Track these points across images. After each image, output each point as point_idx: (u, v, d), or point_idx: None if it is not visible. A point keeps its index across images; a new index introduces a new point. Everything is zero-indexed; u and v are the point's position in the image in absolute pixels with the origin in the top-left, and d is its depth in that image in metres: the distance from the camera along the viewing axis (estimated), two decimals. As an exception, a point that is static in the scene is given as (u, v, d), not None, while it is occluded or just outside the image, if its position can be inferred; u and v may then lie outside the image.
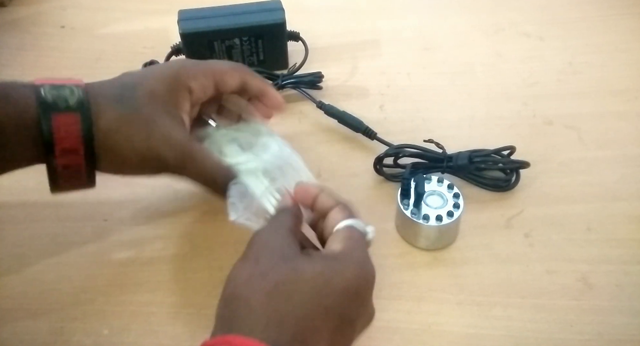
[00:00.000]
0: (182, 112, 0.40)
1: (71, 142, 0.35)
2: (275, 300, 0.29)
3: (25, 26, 0.66)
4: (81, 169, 0.37)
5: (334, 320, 0.30)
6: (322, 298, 0.30)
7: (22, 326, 0.40)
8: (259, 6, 0.57)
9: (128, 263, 0.44)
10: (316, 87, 0.56)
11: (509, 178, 0.47)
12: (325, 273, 0.31)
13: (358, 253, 0.33)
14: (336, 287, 0.31)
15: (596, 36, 0.62)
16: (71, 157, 0.36)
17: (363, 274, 0.32)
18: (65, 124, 0.35)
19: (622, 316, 0.39)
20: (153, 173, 0.40)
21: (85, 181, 0.38)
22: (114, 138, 0.37)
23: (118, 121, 0.37)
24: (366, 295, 0.33)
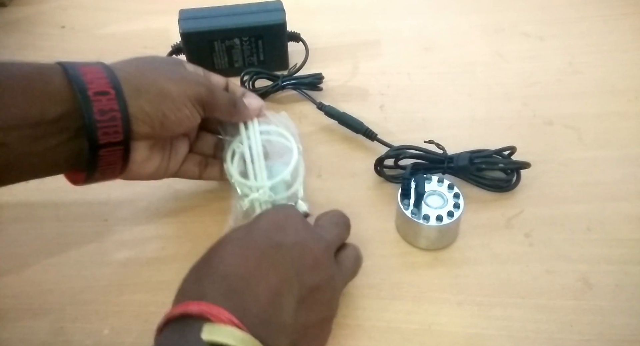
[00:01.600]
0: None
1: (101, 86, 0.35)
2: (196, 267, 0.33)
3: (25, 26, 0.66)
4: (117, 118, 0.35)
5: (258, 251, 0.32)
6: (235, 241, 0.34)
7: (23, 326, 0.40)
8: (260, 6, 0.57)
9: (128, 263, 0.44)
10: (317, 88, 0.56)
11: (509, 178, 0.47)
12: (240, 227, 0.35)
13: (273, 208, 0.38)
14: (249, 228, 0.34)
15: (596, 36, 0.62)
16: (104, 100, 0.35)
17: (275, 211, 0.36)
18: (90, 71, 0.35)
19: (622, 316, 0.39)
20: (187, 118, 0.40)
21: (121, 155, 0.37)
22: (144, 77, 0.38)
23: (142, 63, 0.39)
24: (287, 222, 0.35)
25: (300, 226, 0.35)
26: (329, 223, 0.39)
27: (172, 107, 0.38)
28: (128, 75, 0.37)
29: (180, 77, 0.39)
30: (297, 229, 0.35)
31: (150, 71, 0.38)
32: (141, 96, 0.37)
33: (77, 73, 0.35)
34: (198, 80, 0.41)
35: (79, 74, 0.35)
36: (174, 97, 0.38)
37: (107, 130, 0.35)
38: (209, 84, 0.41)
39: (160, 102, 0.37)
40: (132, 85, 0.36)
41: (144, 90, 0.37)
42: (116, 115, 0.35)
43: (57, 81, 0.34)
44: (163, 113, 0.38)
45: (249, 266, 0.32)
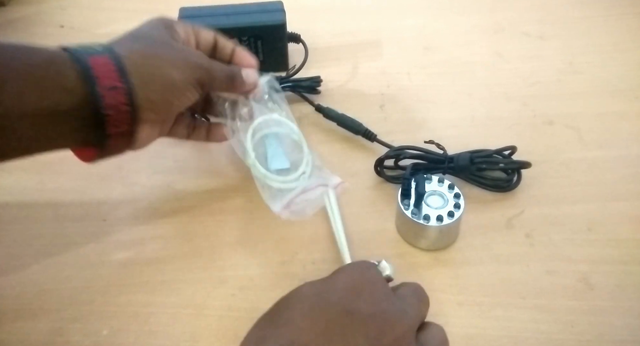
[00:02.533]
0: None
1: (111, 81, 0.36)
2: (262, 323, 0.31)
3: (24, 26, 0.66)
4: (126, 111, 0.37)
5: (330, 315, 0.30)
6: (306, 300, 0.31)
7: (22, 327, 0.40)
8: (260, 7, 0.57)
9: (127, 263, 0.44)
10: (315, 91, 0.56)
11: (510, 178, 0.47)
12: (312, 284, 0.33)
13: (352, 265, 0.35)
14: (321, 288, 0.32)
15: (596, 36, 0.62)
16: (114, 95, 0.36)
17: (353, 271, 0.33)
18: (100, 63, 0.36)
19: (622, 317, 0.39)
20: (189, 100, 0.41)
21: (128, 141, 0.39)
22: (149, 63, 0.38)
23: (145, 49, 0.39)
24: (369, 290, 0.31)
25: (381, 293, 0.31)
26: (411, 296, 0.33)
27: (177, 94, 0.40)
28: (135, 65, 0.38)
29: (183, 62, 0.40)
30: (378, 298, 0.31)
31: (154, 58, 0.39)
32: (148, 86, 0.38)
33: (86, 66, 0.36)
34: (197, 61, 0.41)
35: (89, 67, 0.36)
36: (178, 85, 0.39)
37: (115, 123, 0.37)
38: (208, 64, 0.42)
39: (166, 91, 0.39)
40: (139, 76, 0.37)
41: (150, 80, 0.38)
42: (125, 108, 0.37)
43: (69, 75, 0.35)
44: (168, 101, 0.39)
45: (316, 332, 0.29)
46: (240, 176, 0.49)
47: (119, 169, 0.50)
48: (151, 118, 0.39)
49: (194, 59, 0.41)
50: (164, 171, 0.50)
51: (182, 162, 0.51)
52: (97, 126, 0.36)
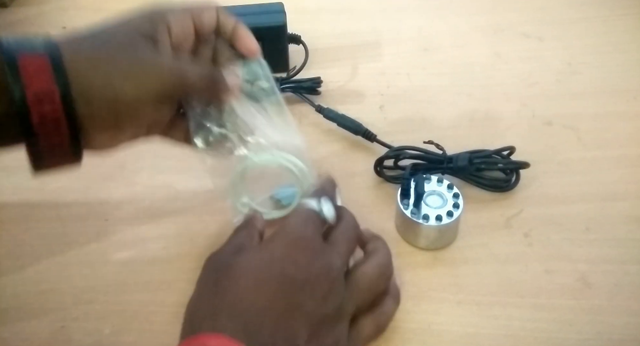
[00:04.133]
0: (162, 46, 0.36)
1: (42, 84, 0.31)
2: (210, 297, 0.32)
3: (26, 27, 0.66)
4: (61, 125, 0.32)
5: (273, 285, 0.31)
6: (250, 273, 0.32)
7: (23, 326, 0.40)
8: (261, 8, 0.57)
9: (129, 262, 0.44)
10: (315, 92, 0.56)
11: (509, 178, 0.47)
12: (252, 254, 0.33)
13: (287, 224, 0.34)
14: (262, 258, 0.33)
15: (595, 37, 0.62)
16: (47, 105, 0.31)
17: (287, 239, 0.34)
18: (33, 64, 0.31)
19: (621, 316, 0.39)
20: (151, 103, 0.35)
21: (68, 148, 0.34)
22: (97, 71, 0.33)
23: (96, 51, 0.33)
24: (300, 254, 0.33)
25: (312, 254, 0.33)
26: (342, 238, 0.36)
27: (128, 109, 0.34)
28: (78, 70, 0.32)
29: (140, 71, 0.34)
30: (309, 261, 0.32)
31: (105, 63, 0.33)
32: (91, 101, 0.33)
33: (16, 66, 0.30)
34: (162, 73, 0.35)
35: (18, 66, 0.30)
36: (130, 101, 0.34)
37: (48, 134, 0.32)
38: (179, 74, 0.36)
39: (113, 107, 0.34)
40: (82, 86, 0.32)
41: (95, 94, 0.33)
42: (61, 122, 0.32)
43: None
44: (116, 117, 0.34)
45: (264, 303, 0.31)
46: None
47: (120, 169, 0.51)
48: (99, 130, 0.34)
49: (158, 68, 0.35)
50: (166, 171, 0.51)
51: (183, 163, 0.51)
52: (28, 141, 0.32)
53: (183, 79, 0.36)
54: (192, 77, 0.36)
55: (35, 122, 0.31)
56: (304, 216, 0.35)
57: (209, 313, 0.31)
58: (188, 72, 0.36)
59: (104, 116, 0.34)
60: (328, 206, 0.36)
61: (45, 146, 0.33)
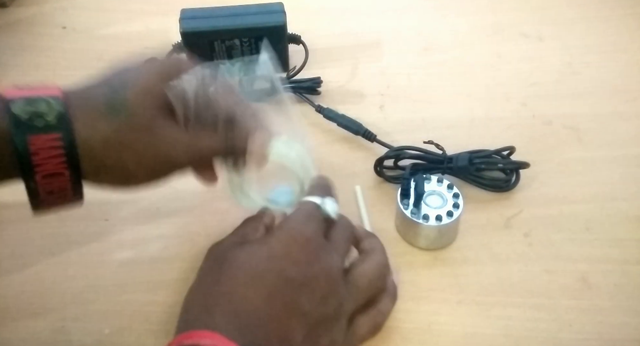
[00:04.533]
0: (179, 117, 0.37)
1: (54, 167, 0.31)
2: (207, 291, 0.32)
3: (26, 27, 0.66)
4: (67, 192, 0.33)
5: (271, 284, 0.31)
6: (248, 270, 0.32)
7: (23, 326, 0.40)
8: (261, 8, 0.57)
9: (129, 262, 0.44)
10: (315, 92, 0.56)
11: (508, 178, 0.47)
12: (251, 250, 0.33)
13: (289, 221, 0.34)
14: (261, 255, 0.32)
15: (595, 36, 0.62)
16: (55, 182, 0.32)
17: (289, 236, 0.33)
18: (44, 146, 0.31)
19: (621, 316, 0.39)
20: (161, 179, 0.36)
21: (71, 198, 0.35)
22: (110, 153, 0.33)
23: (112, 133, 0.33)
24: (301, 253, 0.32)
25: (313, 253, 0.33)
26: (341, 239, 0.36)
27: (137, 185, 0.35)
28: (91, 151, 0.32)
29: (153, 155, 0.34)
30: (309, 260, 0.32)
31: (119, 146, 0.33)
32: (100, 175, 0.33)
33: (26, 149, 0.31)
34: (176, 156, 0.35)
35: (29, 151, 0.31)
36: (140, 180, 0.35)
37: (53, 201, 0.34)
38: (192, 154, 0.35)
39: (123, 183, 0.35)
40: (94, 165, 0.33)
41: (105, 171, 0.33)
42: (67, 192, 0.33)
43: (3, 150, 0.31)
44: (124, 190, 0.35)
45: (260, 301, 0.31)
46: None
47: (120, 170, 0.51)
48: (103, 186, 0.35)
49: (172, 152, 0.35)
50: (165, 171, 0.51)
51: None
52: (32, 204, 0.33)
53: (199, 155, 0.36)
54: (207, 152, 0.37)
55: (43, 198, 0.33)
56: (307, 213, 0.35)
57: (204, 308, 0.31)
58: (204, 149, 0.36)
59: (113, 188, 0.35)
60: (331, 203, 0.36)
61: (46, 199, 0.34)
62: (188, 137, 0.36)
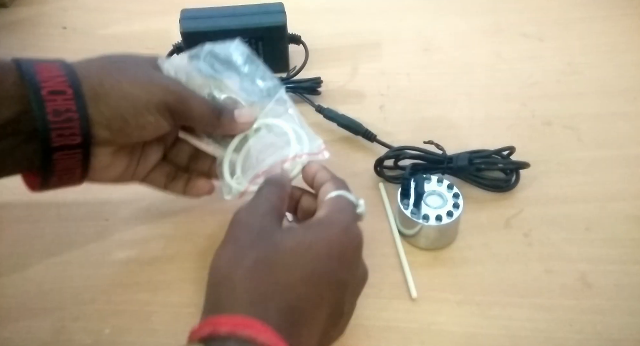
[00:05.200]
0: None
1: (56, 84, 0.32)
2: (258, 275, 0.29)
3: (26, 27, 0.67)
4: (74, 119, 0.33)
5: (320, 284, 0.30)
6: (306, 265, 0.30)
7: (24, 326, 0.40)
8: (261, 8, 0.57)
9: (129, 262, 0.44)
10: (315, 92, 0.56)
11: (508, 178, 0.47)
12: (306, 241, 0.31)
13: (341, 217, 0.33)
14: (319, 251, 0.31)
15: (595, 37, 0.62)
16: (59, 100, 0.32)
17: (346, 236, 0.32)
18: (47, 68, 0.33)
19: (621, 316, 0.39)
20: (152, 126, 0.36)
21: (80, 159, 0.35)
22: (106, 76, 0.34)
23: (108, 65, 0.35)
24: (353, 256, 0.33)
25: (357, 261, 0.33)
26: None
27: (133, 112, 0.35)
28: (89, 74, 0.34)
29: (148, 81, 0.36)
30: (355, 266, 0.33)
31: (116, 72, 0.35)
32: (100, 98, 0.34)
33: (31, 71, 0.32)
34: (168, 85, 0.37)
35: (34, 72, 0.32)
36: (135, 102, 0.35)
37: (62, 132, 0.33)
38: (182, 90, 0.37)
39: (120, 106, 0.35)
40: (92, 85, 0.34)
41: (103, 92, 0.34)
42: (73, 116, 0.33)
43: (10, 80, 0.32)
44: (122, 118, 0.35)
45: (312, 300, 0.30)
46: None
47: (120, 170, 0.51)
48: (105, 136, 0.35)
49: (164, 81, 0.37)
50: (165, 171, 0.51)
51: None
52: (42, 140, 0.32)
53: (184, 100, 0.37)
54: (195, 100, 0.38)
55: (51, 114, 0.32)
56: (353, 213, 0.35)
57: (258, 295, 0.29)
58: (191, 94, 0.38)
59: (112, 119, 0.34)
60: (362, 202, 0.36)
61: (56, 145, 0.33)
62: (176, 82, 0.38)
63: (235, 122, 0.39)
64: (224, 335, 0.27)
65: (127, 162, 0.39)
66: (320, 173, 0.38)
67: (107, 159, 0.37)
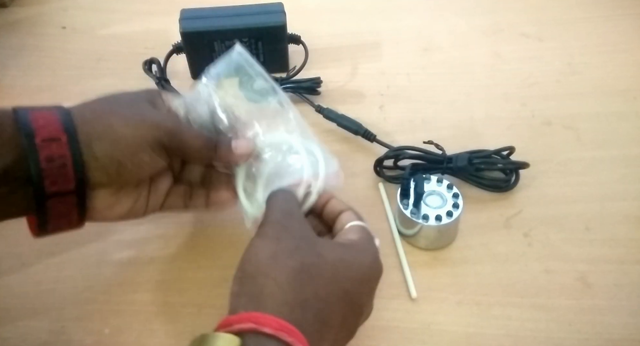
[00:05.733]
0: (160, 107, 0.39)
1: (50, 132, 0.33)
2: (301, 281, 0.30)
3: (26, 27, 0.67)
4: (67, 165, 0.33)
5: (348, 304, 0.32)
6: (342, 282, 0.32)
7: (24, 326, 0.40)
8: (261, 8, 0.57)
9: (129, 262, 0.44)
10: (315, 92, 0.56)
11: (508, 178, 0.47)
12: (346, 259, 0.33)
13: (372, 247, 0.35)
14: (355, 273, 0.33)
15: (595, 37, 0.62)
16: (54, 146, 0.33)
17: (376, 266, 0.34)
18: (42, 116, 0.33)
19: (620, 316, 0.39)
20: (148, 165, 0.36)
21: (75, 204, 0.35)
22: (99, 119, 0.35)
23: (101, 105, 0.36)
24: (374, 285, 0.35)
25: (374, 292, 0.35)
26: None
27: (127, 153, 0.35)
28: (83, 119, 0.34)
29: (140, 120, 0.36)
30: (372, 297, 0.35)
31: (109, 114, 0.35)
32: (93, 142, 0.34)
33: (27, 119, 0.33)
34: (160, 122, 0.36)
35: (29, 120, 0.33)
36: (129, 144, 0.35)
37: (55, 179, 0.33)
38: (174, 127, 0.37)
39: (114, 149, 0.34)
40: (86, 131, 0.34)
41: (97, 136, 0.34)
42: (67, 162, 0.33)
43: (7, 129, 0.32)
44: (118, 161, 0.35)
45: (339, 319, 0.31)
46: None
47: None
48: (102, 181, 0.35)
49: (156, 119, 0.36)
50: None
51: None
52: (35, 187, 0.32)
53: (176, 135, 0.37)
54: (188, 135, 0.37)
55: (44, 161, 0.32)
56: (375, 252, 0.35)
57: (298, 299, 0.30)
58: (184, 128, 0.38)
59: (106, 162, 0.34)
60: (377, 241, 0.37)
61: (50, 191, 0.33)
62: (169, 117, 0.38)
63: (232, 154, 0.39)
64: (267, 335, 0.28)
65: (135, 198, 0.38)
66: (334, 201, 0.38)
67: (107, 200, 0.36)
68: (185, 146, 0.37)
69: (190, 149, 0.37)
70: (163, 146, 0.36)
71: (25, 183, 0.32)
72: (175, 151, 0.37)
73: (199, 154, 0.38)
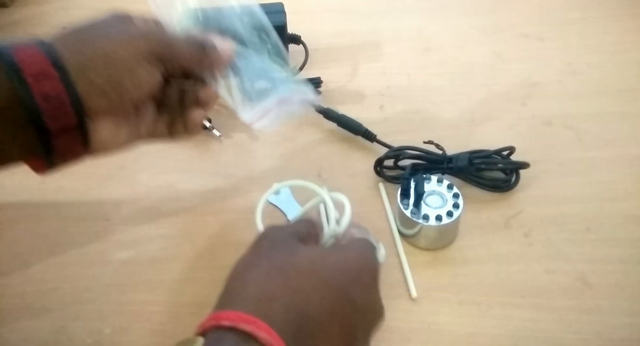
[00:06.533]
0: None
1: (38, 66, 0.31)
2: (270, 276, 0.30)
3: (26, 27, 0.67)
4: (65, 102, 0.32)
5: (336, 299, 0.30)
6: (320, 273, 0.31)
7: (24, 326, 0.40)
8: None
9: (129, 262, 0.44)
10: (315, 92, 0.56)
11: (508, 178, 0.47)
12: (326, 254, 0.32)
13: (361, 244, 0.35)
14: (335, 265, 0.31)
15: (595, 37, 0.62)
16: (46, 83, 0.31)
17: (362, 258, 0.33)
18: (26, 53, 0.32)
19: (620, 316, 0.39)
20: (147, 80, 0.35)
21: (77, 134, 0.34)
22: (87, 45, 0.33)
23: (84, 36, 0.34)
24: (368, 279, 0.33)
25: (374, 285, 0.33)
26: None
27: (125, 72, 0.34)
28: (72, 50, 0.33)
29: (128, 37, 0.35)
30: (371, 290, 0.33)
31: (95, 39, 0.34)
32: (88, 68, 0.33)
33: (8, 56, 0.31)
34: (147, 33, 0.36)
35: (11, 55, 0.31)
36: (124, 60, 0.34)
37: (54, 115, 0.32)
38: (161, 34, 0.36)
39: (110, 69, 0.33)
40: (75, 58, 0.32)
41: (91, 64, 0.33)
42: (63, 98, 0.32)
43: None
44: (117, 81, 0.34)
45: (323, 310, 0.30)
46: (241, 176, 0.50)
47: (121, 169, 0.51)
48: (102, 107, 0.34)
49: (143, 32, 0.36)
50: (166, 171, 0.51)
51: (184, 163, 0.52)
52: (37, 126, 0.32)
53: (168, 41, 0.36)
54: (179, 40, 0.37)
55: (38, 98, 0.31)
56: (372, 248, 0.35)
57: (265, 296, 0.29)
58: (173, 35, 0.37)
59: (106, 85, 0.33)
60: (382, 250, 0.37)
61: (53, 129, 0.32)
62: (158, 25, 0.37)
63: (219, 53, 0.38)
64: (226, 327, 0.27)
65: (128, 127, 0.38)
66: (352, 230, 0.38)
67: (109, 130, 0.36)
68: (178, 51, 0.36)
69: (183, 52, 0.37)
70: (157, 56, 0.35)
71: (25, 123, 0.32)
72: (169, 57, 0.36)
73: (192, 56, 0.37)
